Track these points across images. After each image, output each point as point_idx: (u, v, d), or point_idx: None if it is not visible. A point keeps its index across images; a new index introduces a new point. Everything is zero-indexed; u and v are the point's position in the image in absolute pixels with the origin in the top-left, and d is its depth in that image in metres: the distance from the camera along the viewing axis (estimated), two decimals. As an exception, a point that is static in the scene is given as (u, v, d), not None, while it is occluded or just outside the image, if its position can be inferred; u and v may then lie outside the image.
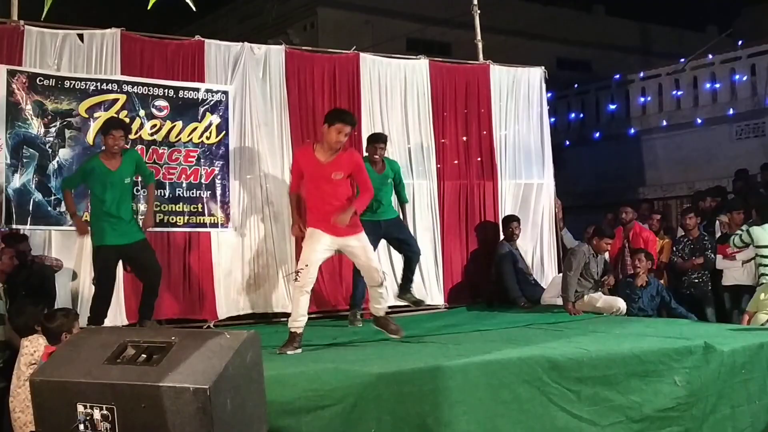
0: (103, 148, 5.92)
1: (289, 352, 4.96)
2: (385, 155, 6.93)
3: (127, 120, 6.56)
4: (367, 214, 6.15)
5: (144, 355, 2.91)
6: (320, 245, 5.16)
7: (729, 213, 8.06)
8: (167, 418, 2.72)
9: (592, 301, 7.14)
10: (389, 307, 7.22)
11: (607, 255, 7.99)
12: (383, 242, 6.88)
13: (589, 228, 8.71)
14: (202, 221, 6.87)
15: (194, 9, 2.69)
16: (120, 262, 6.02)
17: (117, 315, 6.35)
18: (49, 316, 4.19)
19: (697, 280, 7.78)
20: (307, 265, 5.07)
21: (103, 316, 5.85)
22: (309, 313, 7.13)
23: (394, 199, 6.96)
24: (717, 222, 8.29)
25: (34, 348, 4.19)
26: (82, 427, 2.78)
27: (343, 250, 5.34)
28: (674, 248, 7.95)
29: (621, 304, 7.02)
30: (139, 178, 6.32)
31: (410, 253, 6.82)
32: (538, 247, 8.48)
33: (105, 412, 2.77)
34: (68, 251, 6.34)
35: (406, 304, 6.92)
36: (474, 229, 8.18)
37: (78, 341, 3.14)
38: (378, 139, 6.84)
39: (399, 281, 6.90)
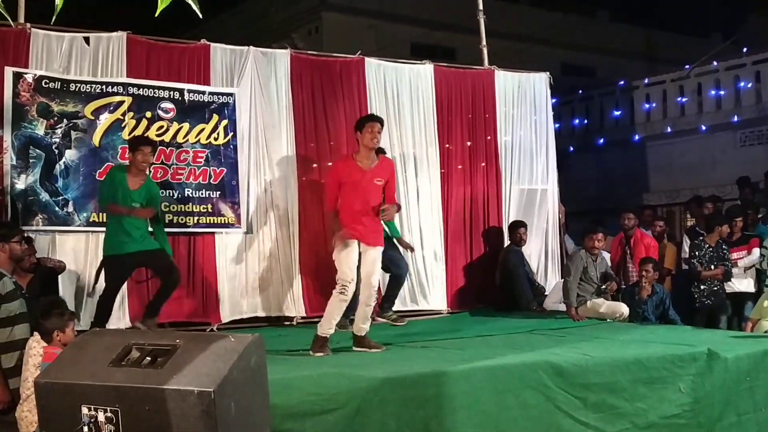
0: (128, 163, 5.95)
1: (319, 354, 5.15)
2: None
3: (133, 122, 6.58)
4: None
5: (148, 358, 2.91)
6: (356, 255, 5.35)
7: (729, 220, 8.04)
8: (171, 421, 2.71)
9: (595, 307, 7.14)
10: (395, 312, 7.29)
11: (608, 258, 7.99)
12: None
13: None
14: (212, 221, 6.87)
15: (200, 16, 2.68)
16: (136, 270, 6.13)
17: (120, 318, 6.36)
18: (45, 313, 4.18)
19: (716, 289, 7.65)
20: (353, 279, 5.25)
21: (109, 314, 5.91)
22: (313, 317, 7.20)
23: None
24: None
25: (42, 350, 4.18)
26: (86, 429, 2.78)
27: (362, 255, 5.46)
28: (695, 252, 7.75)
29: (624, 309, 7.02)
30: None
31: (399, 272, 7.02)
32: (542, 252, 8.48)
33: (109, 414, 2.77)
34: (73, 252, 6.33)
35: (409, 309, 6.96)
36: (478, 234, 8.17)
37: (82, 343, 3.13)
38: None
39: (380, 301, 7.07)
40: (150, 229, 6.04)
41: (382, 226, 5.62)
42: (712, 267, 7.62)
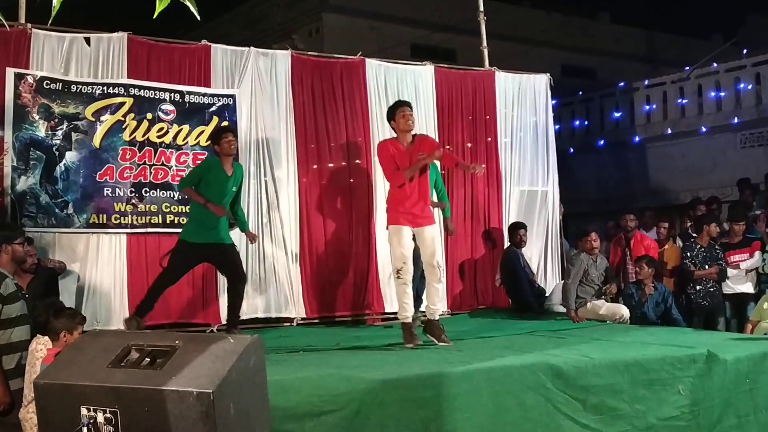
0: (215, 156, 6.14)
1: (410, 346, 5.38)
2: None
3: (134, 123, 6.59)
4: None
5: (148, 359, 2.90)
6: (406, 239, 5.53)
7: (730, 223, 8.02)
8: (170, 422, 2.71)
9: (595, 309, 7.14)
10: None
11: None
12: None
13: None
14: None
15: (198, 18, 2.69)
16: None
17: (121, 318, 6.35)
18: (58, 311, 4.19)
19: (712, 290, 7.65)
20: (405, 263, 5.45)
21: (155, 302, 5.96)
22: (311, 319, 7.20)
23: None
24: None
25: (47, 351, 4.17)
26: (85, 430, 2.77)
27: (417, 238, 5.61)
28: (687, 253, 7.75)
29: (624, 311, 7.02)
30: None
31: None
32: (542, 253, 8.48)
33: (108, 415, 2.76)
34: (74, 253, 6.33)
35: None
36: (478, 235, 8.17)
37: (82, 344, 3.13)
38: None
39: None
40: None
41: (431, 206, 5.78)
42: (706, 267, 7.61)
